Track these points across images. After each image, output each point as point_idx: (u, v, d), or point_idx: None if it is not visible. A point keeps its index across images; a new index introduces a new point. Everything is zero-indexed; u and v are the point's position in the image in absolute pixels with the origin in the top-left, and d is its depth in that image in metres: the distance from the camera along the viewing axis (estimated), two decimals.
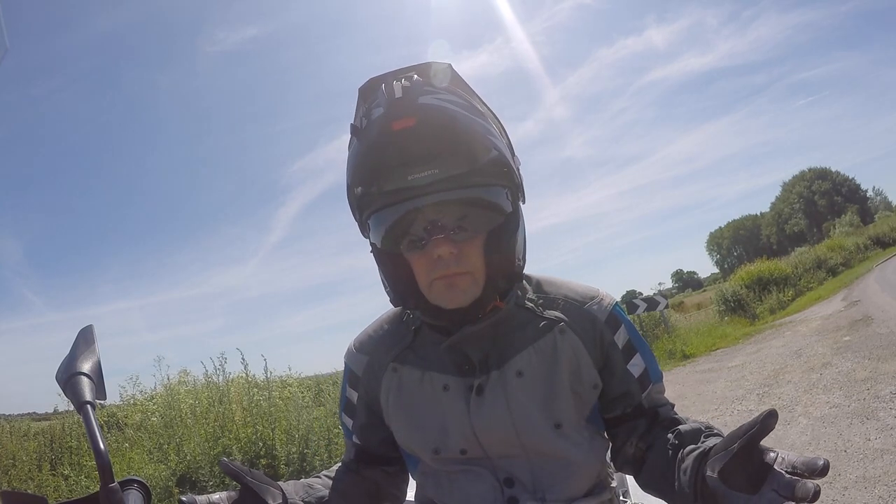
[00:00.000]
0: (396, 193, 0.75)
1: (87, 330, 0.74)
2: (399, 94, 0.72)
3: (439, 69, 0.76)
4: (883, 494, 2.73)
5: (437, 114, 0.72)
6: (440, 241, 0.75)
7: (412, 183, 0.73)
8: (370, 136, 0.74)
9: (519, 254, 0.82)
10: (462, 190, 0.75)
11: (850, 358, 5.66)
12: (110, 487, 0.60)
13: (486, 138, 0.75)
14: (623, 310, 0.91)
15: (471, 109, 0.76)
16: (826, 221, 48.18)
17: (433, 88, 0.74)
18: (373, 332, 0.95)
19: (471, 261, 0.77)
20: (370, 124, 0.74)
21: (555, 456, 0.83)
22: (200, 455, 4.25)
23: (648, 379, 0.88)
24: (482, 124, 0.76)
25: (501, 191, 0.78)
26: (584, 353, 0.85)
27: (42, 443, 5.76)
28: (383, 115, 0.72)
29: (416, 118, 0.71)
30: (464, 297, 0.78)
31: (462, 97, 0.76)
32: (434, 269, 0.76)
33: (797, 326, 9.25)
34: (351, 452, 0.97)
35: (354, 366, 0.94)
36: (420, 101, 0.72)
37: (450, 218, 0.77)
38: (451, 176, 0.73)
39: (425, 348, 0.88)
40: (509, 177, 0.79)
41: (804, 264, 17.47)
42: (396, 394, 0.89)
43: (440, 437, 0.85)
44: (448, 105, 0.73)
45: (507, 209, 0.78)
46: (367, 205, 0.79)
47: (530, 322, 0.86)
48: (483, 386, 0.83)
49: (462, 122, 0.73)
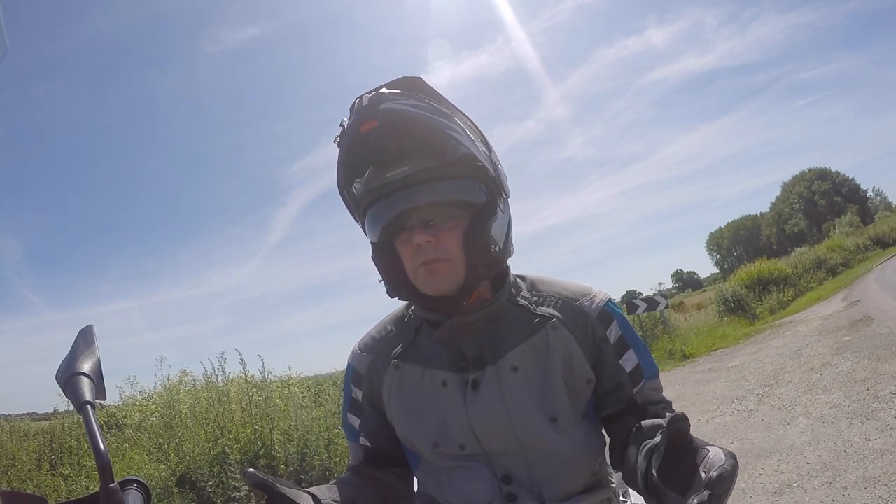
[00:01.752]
0: (379, 189, 0.83)
1: (87, 330, 0.74)
2: (366, 102, 0.82)
3: (408, 81, 0.85)
4: (883, 495, 2.72)
5: (397, 116, 0.80)
6: (418, 230, 0.83)
7: (389, 179, 0.81)
8: (345, 142, 0.84)
9: (496, 240, 0.86)
10: (435, 182, 0.81)
11: (849, 358, 5.66)
12: (110, 487, 0.60)
13: (448, 135, 0.81)
14: (617, 306, 0.93)
15: (433, 111, 0.82)
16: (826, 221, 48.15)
17: (397, 96, 0.82)
18: (376, 334, 0.99)
19: (449, 248, 0.83)
20: (344, 132, 0.84)
21: (551, 451, 0.85)
22: (200, 455, 4.25)
23: (640, 375, 0.89)
24: (444, 123, 0.82)
25: (474, 183, 0.84)
26: (577, 349, 0.88)
27: (42, 443, 5.76)
28: (353, 121, 0.83)
29: (378, 120, 0.80)
30: (445, 282, 0.84)
31: (427, 102, 0.83)
32: (416, 256, 0.83)
33: (797, 327, 9.25)
34: (359, 455, 0.97)
35: (358, 365, 0.97)
36: (382, 107, 0.80)
37: (443, 217, 0.83)
38: (422, 170, 0.81)
39: (426, 346, 0.92)
40: (481, 171, 0.84)
41: (804, 264, 17.47)
42: (398, 390, 0.91)
43: (440, 432, 0.88)
44: (408, 108, 0.81)
45: (477, 200, 0.84)
46: (359, 201, 0.86)
47: (524, 319, 0.89)
48: (478, 381, 0.86)
49: (424, 122, 0.80)
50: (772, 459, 3.58)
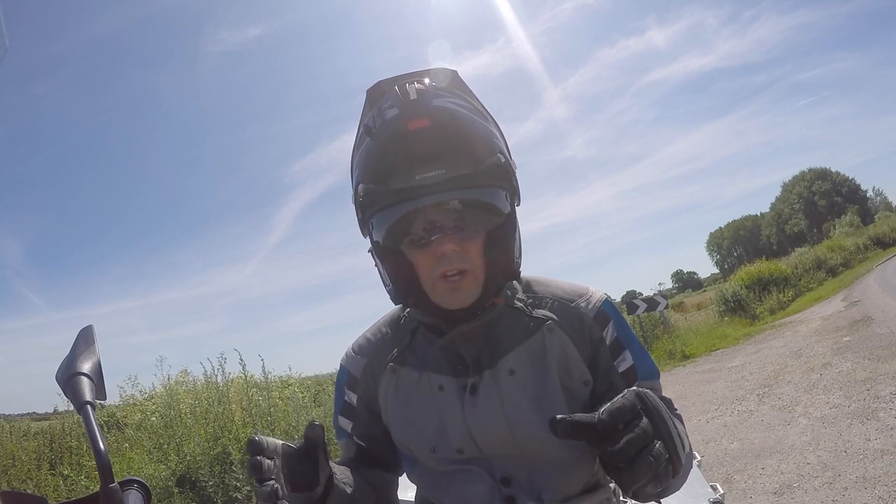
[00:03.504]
0: (402, 192, 0.77)
1: (87, 330, 0.74)
2: (414, 95, 0.75)
3: (447, 74, 0.80)
4: (883, 495, 2.72)
5: (450, 116, 0.75)
6: (444, 239, 0.77)
7: (419, 182, 0.75)
8: (384, 136, 0.76)
9: (516, 253, 0.84)
10: (464, 190, 0.77)
11: (850, 358, 5.66)
12: (110, 487, 0.60)
13: (493, 142, 0.79)
14: (614, 306, 0.91)
15: (478, 113, 0.79)
16: (826, 222, 48.13)
17: (444, 92, 0.77)
18: (371, 336, 0.96)
19: (472, 259, 0.80)
20: (384, 124, 0.76)
21: (549, 454, 0.84)
22: (200, 455, 4.25)
23: (635, 375, 0.87)
24: (489, 128, 0.79)
25: (501, 192, 0.80)
26: (574, 351, 0.86)
27: (42, 443, 5.75)
28: (398, 115, 0.75)
29: (431, 119, 0.74)
30: (467, 298, 0.81)
31: (469, 101, 0.79)
32: (438, 265, 0.78)
33: (797, 327, 9.25)
34: (351, 451, 0.95)
35: (353, 368, 0.95)
36: (434, 104, 0.75)
37: (448, 219, 0.78)
38: (457, 176, 0.76)
39: (422, 349, 0.90)
40: (509, 179, 0.81)
41: (804, 265, 17.46)
42: (395, 394, 0.90)
43: (438, 437, 0.86)
44: (459, 108, 0.76)
45: (505, 210, 0.81)
46: (372, 203, 0.80)
47: (520, 322, 0.88)
48: (476, 385, 0.85)
49: (471, 126, 0.77)
50: (772, 460, 3.58)
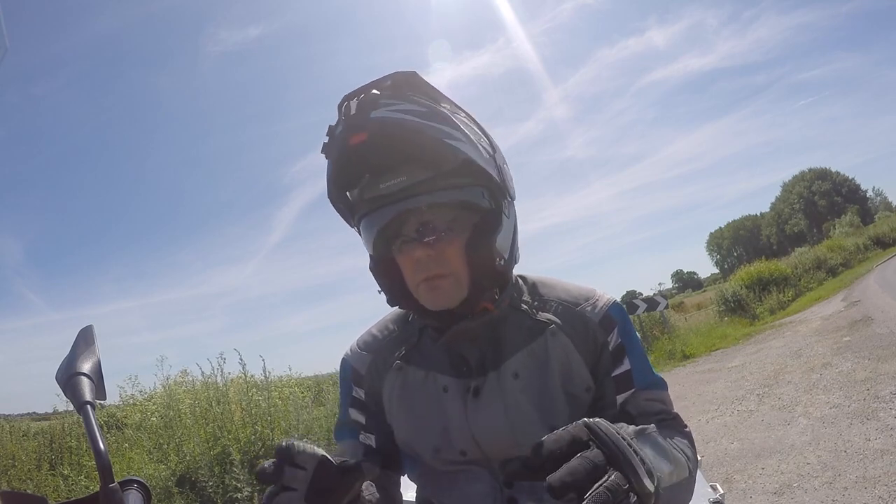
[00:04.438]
0: (374, 201, 0.78)
1: (87, 330, 0.74)
2: (353, 110, 0.76)
3: (399, 79, 0.78)
4: (883, 495, 2.72)
5: (389, 126, 0.74)
6: (416, 245, 0.78)
7: (384, 191, 0.77)
8: (333, 153, 0.78)
9: (501, 252, 0.82)
10: (432, 194, 0.76)
11: (850, 358, 5.66)
12: (110, 487, 0.60)
13: (445, 143, 0.75)
14: (622, 310, 0.89)
15: (430, 116, 0.76)
16: (826, 222, 48.11)
17: (388, 101, 0.75)
18: (377, 332, 0.96)
19: (450, 262, 0.79)
20: (332, 141, 0.78)
21: None
22: (200, 455, 4.25)
23: (630, 382, 0.86)
24: (441, 129, 0.75)
25: (476, 190, 0.79)
26: (577, 356, 0.85)
27: (42, 443, 5.76)
28: (341, 131, 0.76)
29: (368, 132, 0.74)
30: (447, 299, 0.80)
31: (422, 104, 0.77)
32: (417, 271, 0.79)
33: (797, 327, 9.25)
34: (358, 454, 0.93)
35: (357, 364, 0.94)
36: (372, 116, 0.74)
37: (442, 219, 0.79)
38: (418, 182, 0.76)
39: (429, 349, 0.89)
40: (484, 176, 0.79)
41: (804, 265, 17.44)
42: (400, 393, 0.89)
43: (441, 438, 0.85)
44: (401, 115, 0.74)
45: (483, 206, 0.80)
46: (354, 211, 0.82)
47: (524, 324, 0.87)
48: (480, 388, 0.84)
49: (416, 131, 0.74)
50: (772, 459, 3.58)
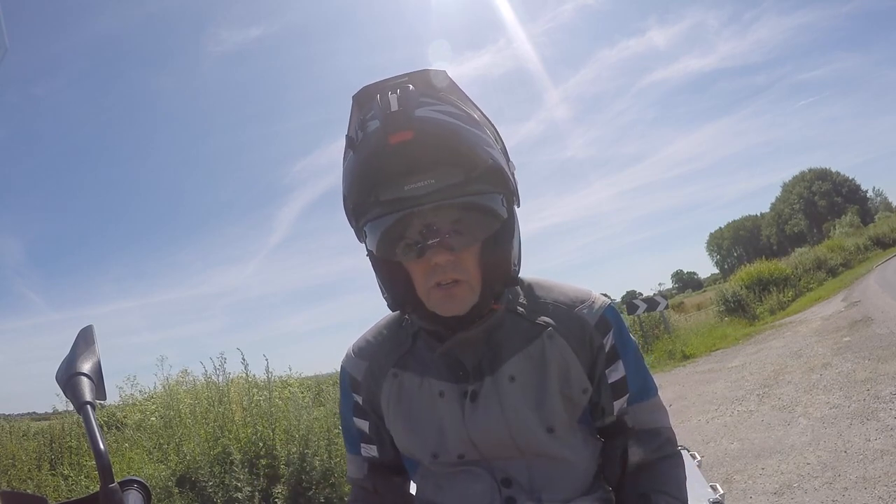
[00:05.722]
0: (393, 203, 0.75)
1: (87, 330, 0.74)
2: (395, 106, 0.71)
3: (435, 77, 0.76)
4: (883, 495, 2.72)
5: (435, 126, 0.71)
6: (438, 250, 0.75)
7: (409, 193, 0.73)
8: (367, 149, 0.73)
9: (515, 259, 0.82)
10: (456, 199, 0.75)
11: (850, 358, 5.65)
12: (110, 488, 0.60)
13: (483, 149, 0.75)
14: (617, 313, 0.90)
15: (467, 120, 0.75)
16: (826, 222, 48.10)
17: (429, 99, 0.73)
18: (371, 338, 0.95)
19: (467, 268, 0.78)
20: (366, 137, 0.73)
21: (550, 457, 0.84)
22: (200, 455, 4.24)
23: (625, 388, 0.86)
24: (478, 135, 0.75)
25: (497, 197, 0.78)
26: (574, 358, 0.85)
27: (42, 443, 5.74)
28: (380, 128, 0.71)
29: (414, 131, 0.70)
30: (461, 306, 0.79)
31: (458, 106, 0.76)
32: (432, 275, 0.77)
33: (797, 327, 9.24)
34: (363, 469, 0.95)
35: (354, 371, 0.94)
36: (416, 114, 0.71)
37: (445, 221, 0.76)
38: (448, 186, 0.73)
39: (424, 354, 0.89)
40: (505, 183, 0.79)
41: (804, 265, 17.42)
42: (397, 399, 0.89)
43: (438, 443, 0.86)
44: (444, 117, 0.72)
45: (503, 215, 0.78)
46: (364, 213, 0.79)
47: (521, 327, 0.87)
48: (477, 392, 0.84)
49: (459, 134, 0.73)
50: (772, 460, 3.58)
